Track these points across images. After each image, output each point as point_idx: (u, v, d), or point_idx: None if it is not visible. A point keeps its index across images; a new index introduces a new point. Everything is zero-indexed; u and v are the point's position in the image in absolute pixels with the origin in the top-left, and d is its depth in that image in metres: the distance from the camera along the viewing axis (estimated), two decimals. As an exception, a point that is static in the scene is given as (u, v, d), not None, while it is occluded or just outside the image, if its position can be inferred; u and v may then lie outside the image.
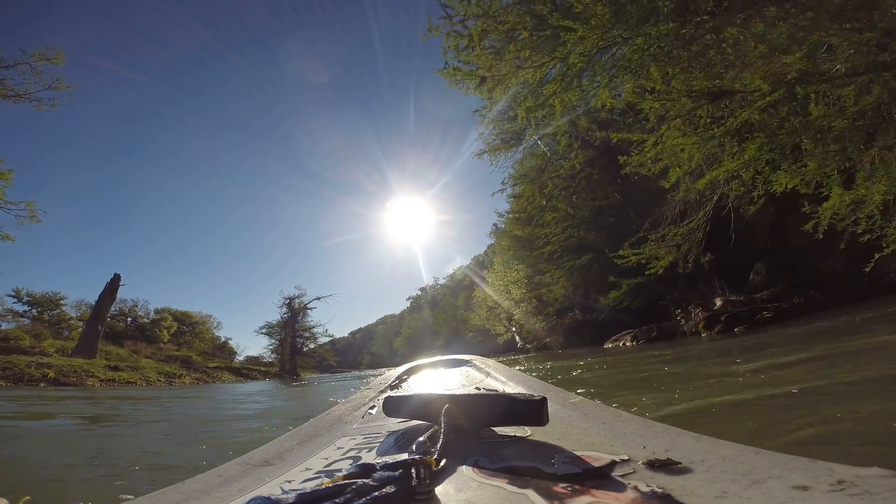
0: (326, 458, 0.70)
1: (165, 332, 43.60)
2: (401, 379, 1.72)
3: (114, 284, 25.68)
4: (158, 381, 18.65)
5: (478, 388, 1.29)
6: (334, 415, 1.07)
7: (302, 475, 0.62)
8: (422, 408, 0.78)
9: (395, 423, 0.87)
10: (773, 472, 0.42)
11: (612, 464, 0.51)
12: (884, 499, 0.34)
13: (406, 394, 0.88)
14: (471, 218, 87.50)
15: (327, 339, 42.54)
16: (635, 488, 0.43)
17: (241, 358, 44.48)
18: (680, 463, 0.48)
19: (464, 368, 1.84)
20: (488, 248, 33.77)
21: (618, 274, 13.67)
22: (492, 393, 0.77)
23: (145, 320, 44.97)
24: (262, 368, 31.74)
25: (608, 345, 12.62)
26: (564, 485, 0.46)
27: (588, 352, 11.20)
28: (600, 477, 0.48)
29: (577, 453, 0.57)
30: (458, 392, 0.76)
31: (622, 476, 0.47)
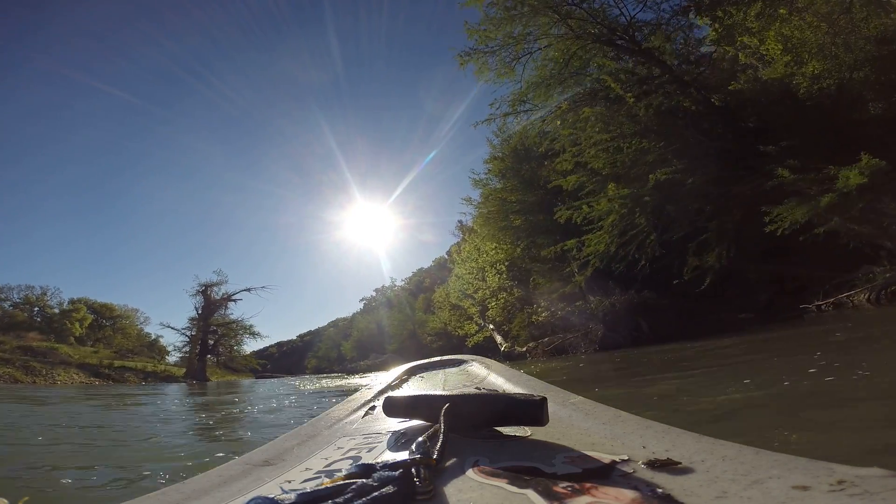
0: (326, 458, 0.70)
1: (77, 325, 38.58)
2: (401, 379, 1.72)
3: None
4: None
5: (478, 388, 1.29)
6: (334, 415, 1.07)
7: (302, 475, 0.62)
8: (422, 408, 0.79)
9: (395, 423, 0.87)
10: (773, 472, 0.42)
11: (613, 464, 0.51)
12: (884, 499, 0.34)
13: (406, 394, 0.88)
14: (433, 221, 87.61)
15: (259, 338, 34.73)
16: (635, 488, 0.43)
17: (175, 358, 36.81)
18: (680, 463, 0.48)
19: (464, 368, 1.85)
20: (452, 246, 30.93)
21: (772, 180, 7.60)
22: (492, 393, 0.78)
23: (55, 311, 39.63)
24: (157, 370, 26.03)
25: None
26: (564, 485, 0.46)
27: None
28: (600, 477, 0.48)
29: (577, 453, 0.57)
30: (458, 392, 0.76)
31: (622, 476, 0.47)
